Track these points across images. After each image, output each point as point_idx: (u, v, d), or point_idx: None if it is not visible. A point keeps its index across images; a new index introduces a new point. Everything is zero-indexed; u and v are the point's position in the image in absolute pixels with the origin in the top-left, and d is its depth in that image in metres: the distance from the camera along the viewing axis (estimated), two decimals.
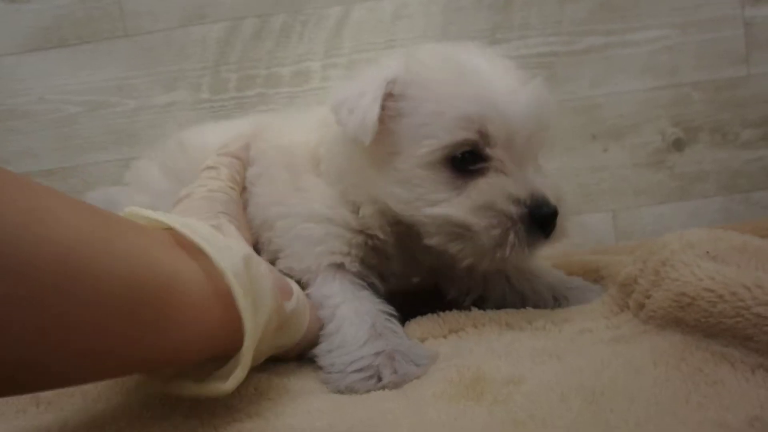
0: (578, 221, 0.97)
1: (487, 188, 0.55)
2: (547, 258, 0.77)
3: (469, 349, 0.54)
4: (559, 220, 0.55)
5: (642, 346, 0.47)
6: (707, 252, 0.53)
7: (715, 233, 0.57)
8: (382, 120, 0.55)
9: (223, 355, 0.45)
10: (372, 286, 0.62)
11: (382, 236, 0.61)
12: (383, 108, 0.55)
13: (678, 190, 0.98)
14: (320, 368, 0.54)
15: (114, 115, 1.02)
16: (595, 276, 0.72)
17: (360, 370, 0.51)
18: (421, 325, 0.60)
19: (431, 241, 0.57)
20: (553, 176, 0.61)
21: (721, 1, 0.97)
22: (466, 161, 0.55)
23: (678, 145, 0.98)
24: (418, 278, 0.68)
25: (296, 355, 0.58)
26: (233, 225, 0.55)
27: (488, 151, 0.55)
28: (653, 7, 0.97)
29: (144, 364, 0.43)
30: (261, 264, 0.49)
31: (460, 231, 0.55)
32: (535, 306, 0.63)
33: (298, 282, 0.58)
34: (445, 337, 0.59)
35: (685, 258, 0.53)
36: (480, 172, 0.55)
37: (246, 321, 0.42)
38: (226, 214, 0.58)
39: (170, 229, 0.45)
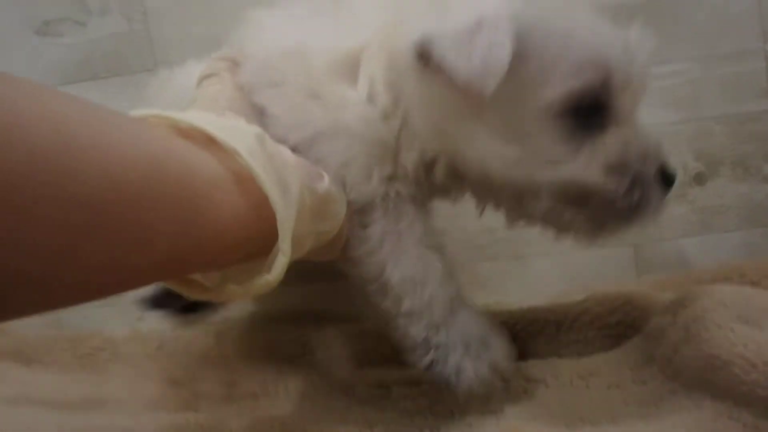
0: (600, 254, 0.98)
1: (618, 144, 0.49)
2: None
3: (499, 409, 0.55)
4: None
5: (673, 414, 0.48)
6: (739, 315, 0.54)
7: (746, 293, 0.58)
8: None
9: (263, 251, 0.41)
10: None
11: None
12: None
13: (699, 224, 0.99)
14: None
15: None
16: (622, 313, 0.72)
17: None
18: None
19: (535, 207, 0.51)
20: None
21: (742, 34, 0.98)
22: (587, 113, 0.48)
23: (699, 179, 0.99)
24: None
25: (344, 255, 0.53)
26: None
27: (611, 100, 0.49)
28: (675, 41, 0.98)
29: (177, 264, 0.38)
30: (278, 145, 0.45)
31: (584, 195, 0.49)
32: None
33: None
34: None
35: (717, 318, 0.54)
36: (599, 126, 0.49)
37: (273, 198, 0.39)
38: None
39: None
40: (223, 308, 0.76)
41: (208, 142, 0.39)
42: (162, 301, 0.68)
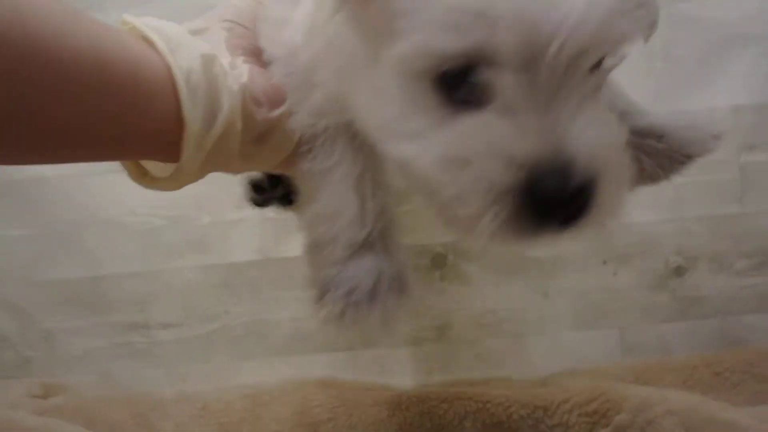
0: (588, 336, 1.12)
1: (470, 133, 0.36)
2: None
3: None
4: (596, 195, 0.36)
5: None
6: (683, 422, 0.68)
7: (693, 402, 0.72)
8: None
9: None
10: None
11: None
12: None
13: (678, 312, 1.12)
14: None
15: (191, 228, 1.20)
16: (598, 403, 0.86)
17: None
18: None
19: (397, 181, 0.47)
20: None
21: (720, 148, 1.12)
22: (461, 83, 0.36)
23: (679, 271, 1.12)
24: None
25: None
26: (247, 65, 0.51)
27: (493, 74, 0.35)
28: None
29: (114, 147, 0.46)
30: (235, 69, 0.49)
31: (426, 185, 0.39)
32: None
33: None
34: None
35: (666, 425, 0.68)
36: (479, 104, 0.36)
37: (185, 112, 0.45)
38: (247, 54, 0.52)
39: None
40: None
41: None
42: (261, 200, 0.85)
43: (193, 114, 0.45)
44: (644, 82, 1.13)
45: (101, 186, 1.20)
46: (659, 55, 1.13)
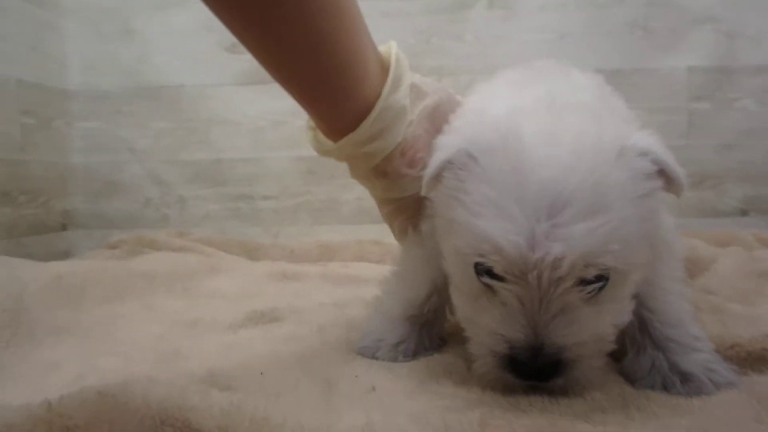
0: None
1: (484, 310, 0.53)
2: None
3: None
4: (570, 366, 0.51)
5: None
6: None
7: None
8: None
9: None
10: None
11: None
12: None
13: None
14: None
15: (287, 129, 1.67)
16: None
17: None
18: None
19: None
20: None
21: (675, 97, 1.55)
22: (488, 277, 0.51)
23: None
24: None
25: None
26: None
27: (504, 277, 0.50)
28: (631, 96, 1.55)
29: (334, 80, 0.61)
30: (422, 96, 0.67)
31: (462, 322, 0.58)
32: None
33: None
34: None
35: None
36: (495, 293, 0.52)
37: (381, 102, 0.62)
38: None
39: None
40: None
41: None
42: None
43: (382, 107, 0.62)
44: (626, 45, 1.56)
45: (224, 95, 1.67)
46: (640, 26, 1.56)
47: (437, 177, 0.56)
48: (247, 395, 0.45)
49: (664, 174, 0.54)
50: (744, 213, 1.56)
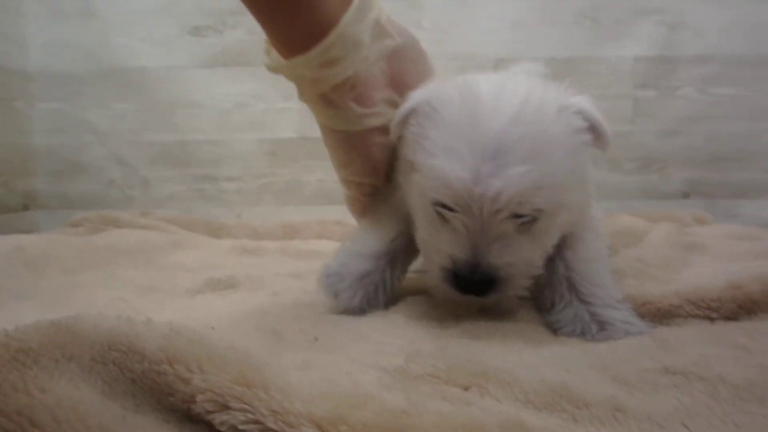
0: None
1: (437, 235, 0.63)
2: None
3: None
4: (503, 284, 0.61)
5: None
6: None
7: None
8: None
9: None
10: None
11: None
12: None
13: None
14: None
15: (252, 112, 1.70)
16: None
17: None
18: None
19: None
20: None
21: (621, 84, 1.63)
22: (442, 205, 0.61)
23: None
24: None
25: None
26: None
27: (453, 208, 0.60)
28: (580, 84, 1.62)
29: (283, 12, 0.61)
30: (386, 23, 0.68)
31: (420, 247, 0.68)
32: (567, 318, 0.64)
33: None
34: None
35: None
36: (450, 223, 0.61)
37: (342, 28, 0.62)
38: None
39: None
40: None
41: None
42: None
43: (343, 32, 0.62)
44: (576, 35, 1.63)
45: (188, 78, 1.70)
46: (588, 16, 1.63)
47: (403, 122, 0.65)
48: None
49: (594, 130, 0.64)
50: (686, 195, 1.65)
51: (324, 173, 1.70)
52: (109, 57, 1.70)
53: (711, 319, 0.64)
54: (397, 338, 0.59)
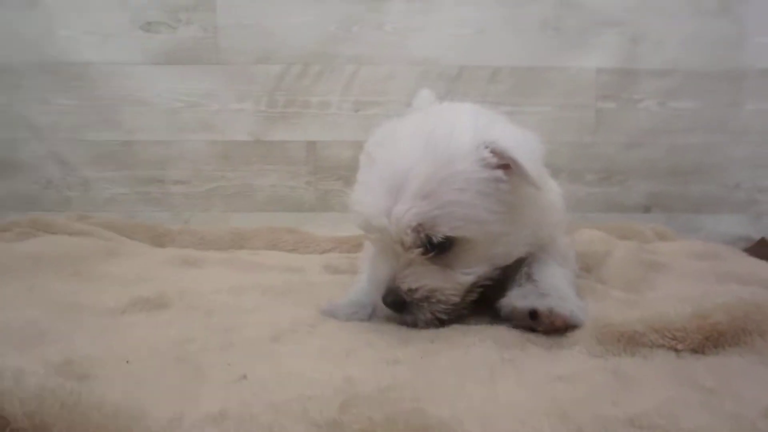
0: None
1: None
2: None
3: None
4: (413, 307, 0.70)
5: None
6: None
7: None
8: None
9: None
10: None
11: None
12: None
13: None
14: None
15: (203, 112, 1.61)
16: None
17: None
18: None
19: None
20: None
21: (584, 95, 1.60)
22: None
23: None
24: None
25: None
26: None
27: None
28: (544, 93, 1.59)
29: None
30: None
31: None
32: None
33: None
34: None
35: None
36: None
37: None
38: None
39: None
40: None
41: None
42: None
43: None
44: (539, 44, 1.59)
45: (137, 74, 1.60)
46: (551, 26, 1.59)
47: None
48: (103, 382, 0.42)
49: (515, 165, 0.68)
50: (647, 209, 1.63)
51: (278, 178, 1.63)
52: (51, 50, 1.59)
53: (676, 350, 0.60)
54: (335, 373, 0.53)
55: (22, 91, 1.60)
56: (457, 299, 0.71)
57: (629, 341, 0.59)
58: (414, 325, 0.70)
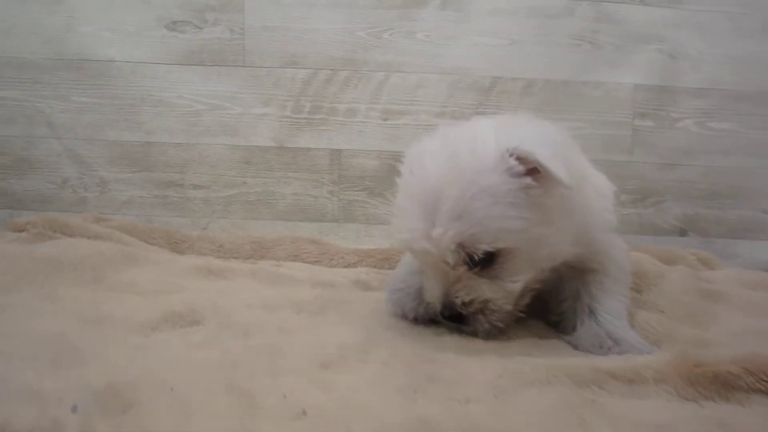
0: None
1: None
2: None
3: None
4: (471, 319, 0.73)
5: None
6: None
7: None
8: None
9: None
10: None
11: None
12: None
13: None
14: None
15: (225, 116, 1.57)
16: None
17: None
18: None
19: None
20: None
21: (620, 112, 1.55)
22: None
23: None
24: None
25: None
26: None
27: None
28: (578, 109, 1.54)
29: None
30: None
31: None
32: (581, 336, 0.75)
33: None
34: None
35: None
36: None
37: None
38: None
39: None
40: None
41: None
42: None
43: None
44: (574, 57, 1.55)
45: (159, 74, 1.56)
46: (587, 39, 1.55)
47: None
48: (149, 414, 0.37)
49: (543, 169, 0.66)
50: (683, 233, 1.57)
51: (300, 186, 1.57)
52: (73, 45, 1.55)
53: None
54: (407, 412, 0.47)
55: (41, 87, 1.55)
56: (509, 307, 0.73)
57: (723, 384, 0.53)
58: (474, 335, 0.73)
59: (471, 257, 0.69)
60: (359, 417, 0.45)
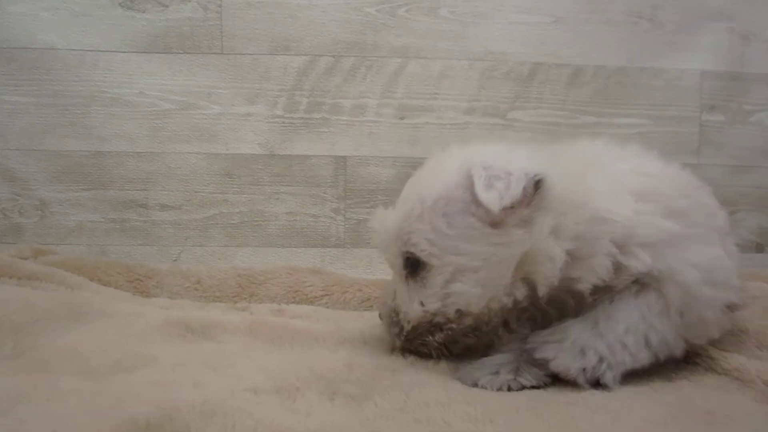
0: None
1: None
2: None
3: None
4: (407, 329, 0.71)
5: None
6: None
7: None
8: None
9: None
10: None
11: None
12: None
13: None
14: None
15: (200, 116, 1.25)
16: None
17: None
18: None
19: None
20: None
21: (686, 105, 1.28)
22: None
23: None
24: None
25: None
26: None
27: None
28: (636, 101, 1.27)
29: None
30: None
31: None
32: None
33: None
34: None
35: None
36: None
37: None
38: None
39: None
40: None
41: None
42: None
43: None
44: (631, 39, 1.28)
45: (113, 65, 1.23)
46: (646, 16, 1.28)
47: None
48: None
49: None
50: (759, 248, 1.31)
51: (297, 203, 1.26)
52: (2, 29, 1.22)
53: None
54: None
55: None
56: (408, 327, 0.71)
57: None
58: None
59: (406, 259, 0.69)
60: None
